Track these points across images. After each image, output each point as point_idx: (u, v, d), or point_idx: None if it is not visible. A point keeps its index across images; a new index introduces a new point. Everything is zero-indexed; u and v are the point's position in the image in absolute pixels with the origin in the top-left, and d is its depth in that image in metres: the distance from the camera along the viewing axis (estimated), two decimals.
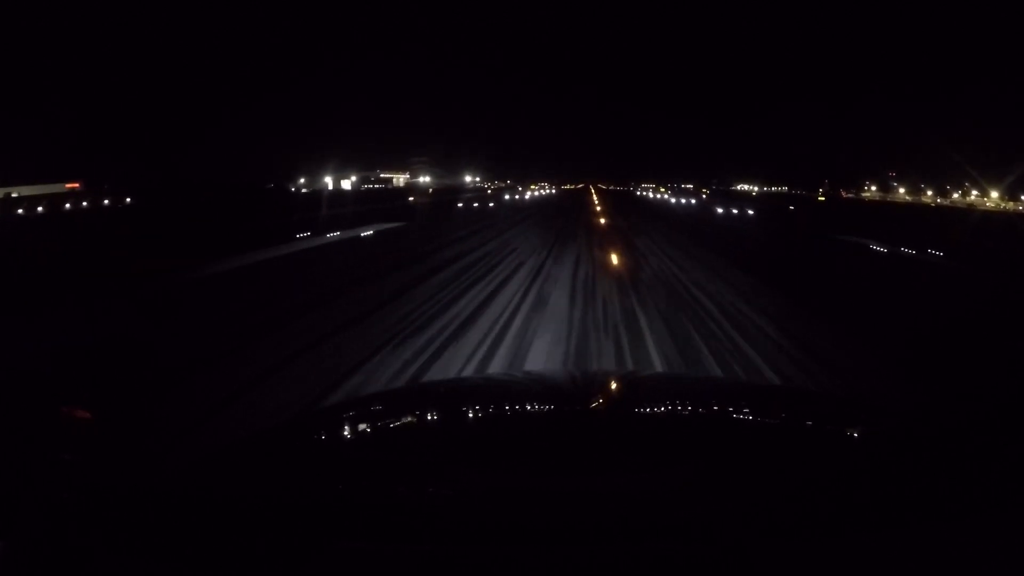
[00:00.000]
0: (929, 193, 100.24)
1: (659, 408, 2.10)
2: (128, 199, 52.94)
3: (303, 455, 1.66)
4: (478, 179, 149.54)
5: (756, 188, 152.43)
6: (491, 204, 52.20)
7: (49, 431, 1.47)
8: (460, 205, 48.15)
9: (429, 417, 1.98)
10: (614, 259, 17.03)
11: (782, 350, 7.96)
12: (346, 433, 1.86)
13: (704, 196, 76.17)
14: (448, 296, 11.11)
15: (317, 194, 65.88)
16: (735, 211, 47.96)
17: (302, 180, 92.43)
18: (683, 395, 2.34)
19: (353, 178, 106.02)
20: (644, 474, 1.45)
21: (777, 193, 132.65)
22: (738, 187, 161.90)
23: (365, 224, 26.83)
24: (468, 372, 6.79)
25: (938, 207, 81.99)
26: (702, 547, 1.05)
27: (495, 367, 7.03)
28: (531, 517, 1.19)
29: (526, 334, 8.39)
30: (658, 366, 7.15)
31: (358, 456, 1.63)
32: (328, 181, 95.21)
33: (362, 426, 1.92)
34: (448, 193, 75.41)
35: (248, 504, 1.28)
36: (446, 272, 13.96)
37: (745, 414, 2.04)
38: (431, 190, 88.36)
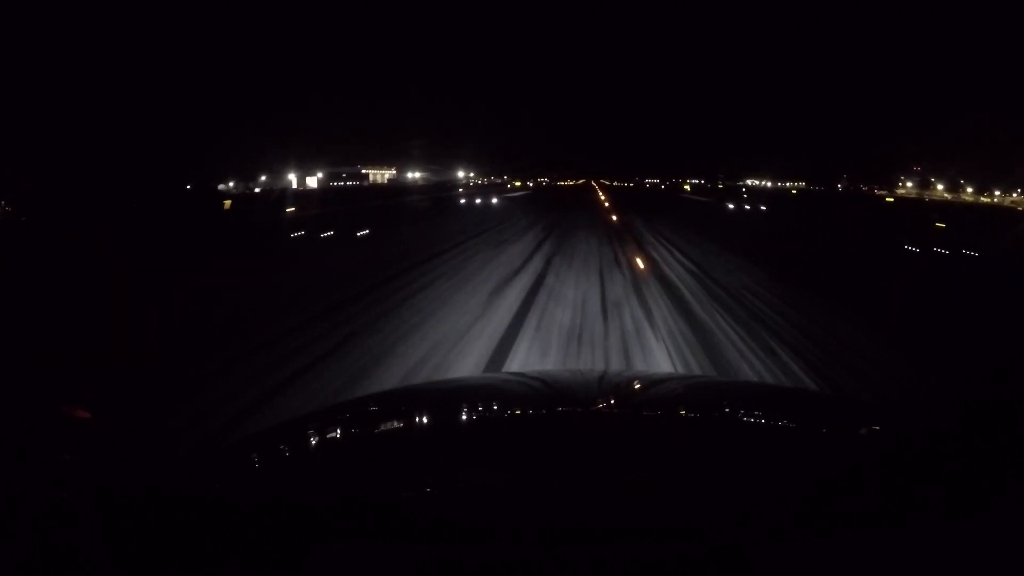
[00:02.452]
0: (969, 190, 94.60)
1: (659, 408, 2.10)
2: None
3: (302, 455, 1.66)
4: (472, 174, 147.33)
5: (768, 183, 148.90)
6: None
7: (49, 431, 1.48)
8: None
9: (429, 417, 1.98)
10: None
11: None
12: (346, 433, 1.86)
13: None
14: None
15: (252, 197, 57.67)
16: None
17: (263, 178, 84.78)
18: (683, 395, 2.34)
19: (319, 175, 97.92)
20: (644, 474, 1.45)
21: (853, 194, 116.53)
22: (748, 182, 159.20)
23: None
24: None
25: None
26: (702, 547, 1.05)
27: None
28: (531, 517, 1.19)
29: None
30: None
31: (358, 456, 1.62)
32: (292, 178, 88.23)
33: (362, 426, 1.92)
34: (419, 192, 68.39)
35: (247, 504, 1.29)
36: None
37: (745, 414, 2.04)
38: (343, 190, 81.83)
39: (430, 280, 12.45)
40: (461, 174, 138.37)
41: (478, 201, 48.68)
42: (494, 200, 50.09)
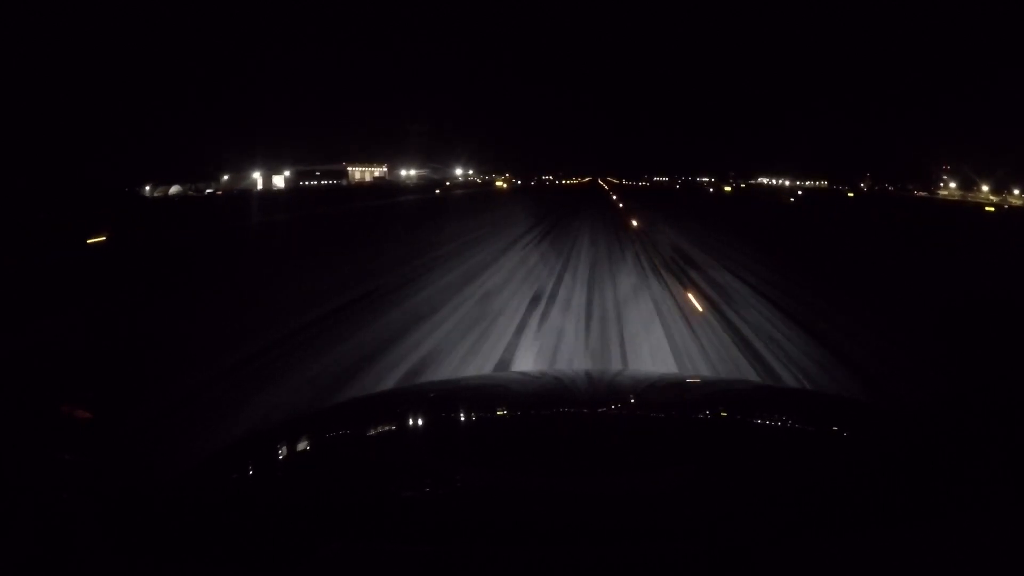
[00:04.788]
0: (1016, 192, 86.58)
1: (660, 408, 2.10)
2: None
3: (302, 455, 1.66)
4: (471, 172, 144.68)
5: (787, 182, 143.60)
6: None
7: (49, 431, 1.48)
8: None
9: (429, 417, 1.98)
10: None
11: None
12: (346, 433, 1.86)
13: None
14: None
15: (196, 201, 51.43)
16: None
17: (225, 177, 79.98)
18: (684, 395, 2.35)
19: (287, 173, 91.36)
20: (645, 474, 1.45)
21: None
22: (761, 181, 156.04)
23: None
24: None
25: None
26: (702, 547, 1.05)
27: None
28: (532, 517, 1.19)
29: None
30: None
31: (358, 456, 1.63)
32: (257, 177, 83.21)
33: (362, 426, 1.92)
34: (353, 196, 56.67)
35: (247, 504, 1.29)
36: None
37: (746, 414, 2.04)
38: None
39: None
40: (459, 172, 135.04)
41: None
42: None
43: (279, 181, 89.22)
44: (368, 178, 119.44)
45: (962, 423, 3.11)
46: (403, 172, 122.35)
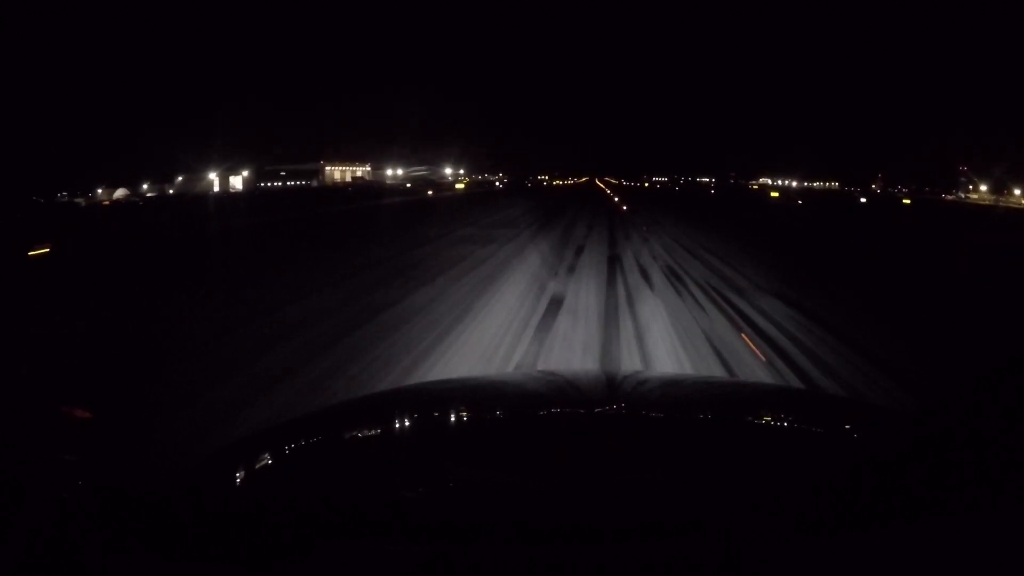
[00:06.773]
0: None
1: (660, 408, 2.10)
2: None
3: (302, 455, 1.66)
4: (461, 172, 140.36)
5: (794, 183, 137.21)
6: None
7: (49, 431, 1.47)
8: None
9: (429, 417, 1.98)
10: None
11: None
12: (346, 433, 1.86)
13: None
14: None
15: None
16: None
17: (179, 179, 75.72)
18: (684, 396, 2.34)
19: (245, 173, 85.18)
20: (645, 474, 1.45)
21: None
22: (765, 181, 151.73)
23: None
24: None
25: None
26: (702, 547, 1.06)
27: None
28: (531, 517, 1.19)
29: None
30: None
31: (357, 456, 1.63)
32: (214, 178, 78.26)
33: (362, 426, 1.92)
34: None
35: (247, 504, 1.29)
36: None
37: (745, 415, 2.05)
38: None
39: None
40: (448, 171, 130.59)
41: None
42: None
43: (237, 182, 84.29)
44: (348, 178, 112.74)
45: (962, 423, 3.13)
46: (388, 171, 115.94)
